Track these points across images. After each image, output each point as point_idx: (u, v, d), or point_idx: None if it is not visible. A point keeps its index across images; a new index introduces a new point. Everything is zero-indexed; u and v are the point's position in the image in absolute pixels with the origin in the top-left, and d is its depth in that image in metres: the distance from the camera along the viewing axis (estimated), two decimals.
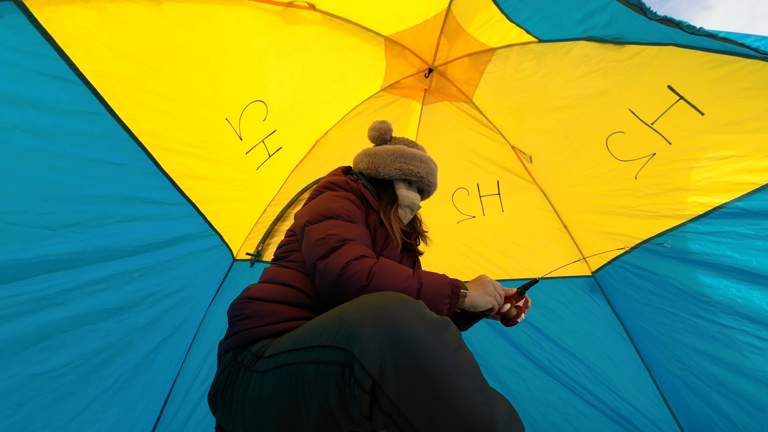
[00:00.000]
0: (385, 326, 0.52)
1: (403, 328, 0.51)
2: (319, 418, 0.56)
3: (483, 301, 0.79)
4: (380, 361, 0.50)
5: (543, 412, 1.67)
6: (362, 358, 0.50)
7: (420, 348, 0.50)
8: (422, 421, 0.49)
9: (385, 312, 0.54)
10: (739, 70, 1.00)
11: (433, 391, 0.49)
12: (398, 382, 0.49)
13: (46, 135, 0.76)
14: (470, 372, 0.52)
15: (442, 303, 0.72)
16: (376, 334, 0.51)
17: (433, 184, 1.08)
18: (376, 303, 0.56)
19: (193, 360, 1.37)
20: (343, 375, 0.52)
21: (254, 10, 1.12)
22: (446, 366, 0.50)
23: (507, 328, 1.83)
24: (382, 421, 0.51)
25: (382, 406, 0.50)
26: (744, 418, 1.15)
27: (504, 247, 1.92)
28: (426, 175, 1.04)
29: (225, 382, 0.69)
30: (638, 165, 1.32)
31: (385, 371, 0.49)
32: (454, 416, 0.49)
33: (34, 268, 0.78)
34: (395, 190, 1.03)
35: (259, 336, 0.71)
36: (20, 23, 0.69)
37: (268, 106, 1.35)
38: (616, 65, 1.25)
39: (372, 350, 0.50)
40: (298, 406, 0.58)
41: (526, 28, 1.37)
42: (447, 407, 0.49)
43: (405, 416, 0.49)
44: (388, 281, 0.71)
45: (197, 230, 1.25)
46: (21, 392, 0.78)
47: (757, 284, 1.06)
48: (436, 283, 0.74)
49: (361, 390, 0.50)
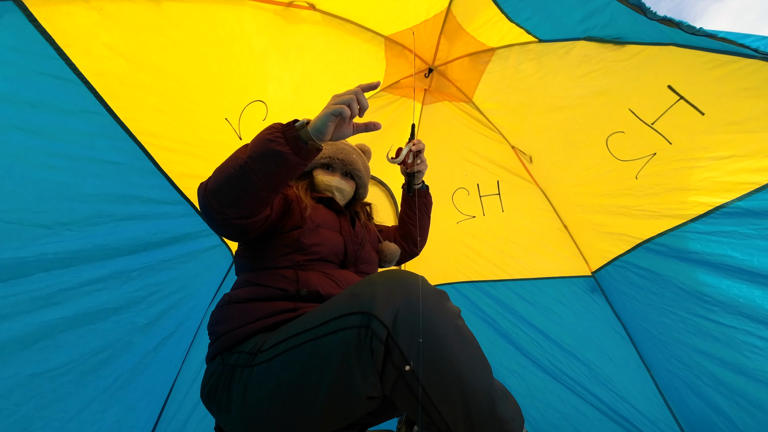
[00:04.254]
0: (396, 293, 0.58)
1: (412, 295, 0.58)
2: (328, 398, 0.57)
3: (323, 117, 0.69)
4: (394, 316, 0.55)
5: (543, 412, 1.67)
6: (379, 313, 0.56)
7: (426, 311, 0.56)
8: (428, 376, 0.53)
9: (395, 283, 0.60)
10: (739, 70, 1.00)
11: (437, 350, 0.54)
12: (408, 336, 0.54)
13: (44, 134, 0.76)
14: (469, 339, 0.58)
15: (272, 144, 0.69)
16: (389, 298, 0.57)
17: (345, 162, 1.10)
18: (386, 278, 0.61)
19: (193, 360, 1.36)
20: (359, 335, 0.56)
21: (254, 9, 1.12)
22: (448, 328, 0.56)
23: (506, 328, 1.83)
24: (393, 376, 0.54)
25: (394, 358, 0.54)
26: (744, 418, 1.15)
27: (504, 247, 1.92)
28: (335, 155, 1.09)
29: (216, 385, 0.69)
30: (639, 165, 1.32)
31: (397, 324, 0.55)
32: (455, 374, 0.53)
33: (32, 266, 0.77)
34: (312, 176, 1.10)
35: (250, 333, 0.71)
36: (19, 23, 0.69)
37: (268, 106, 1.35)
38: (616, 65, 1.25)
39: (387, 308, 0.56)
40: (309, 384, 0.58)
41: (526, 28, 1.37)
42: (449, 366, 0.53)
43: (412, 369, 0.53)
44: (220, 169, 0.74)
45: (196, 229, 1.25)
46: (20, 392, 0.78)
47: (758, 284, 1.06)
48: (261, 133, 0.72)
49: (378, 341, 0.54)
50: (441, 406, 0.53)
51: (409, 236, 1.18)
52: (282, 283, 0.79)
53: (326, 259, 0.88)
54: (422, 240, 1.20)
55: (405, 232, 1.19)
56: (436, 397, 0.53)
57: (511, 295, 1.86)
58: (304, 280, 0.80)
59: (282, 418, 0.61)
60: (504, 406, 0.54)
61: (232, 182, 0.72)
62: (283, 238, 0.86)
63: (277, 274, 0.81)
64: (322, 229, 0.91)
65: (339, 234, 0.94)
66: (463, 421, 0.52)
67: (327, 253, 0.88)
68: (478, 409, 0.52)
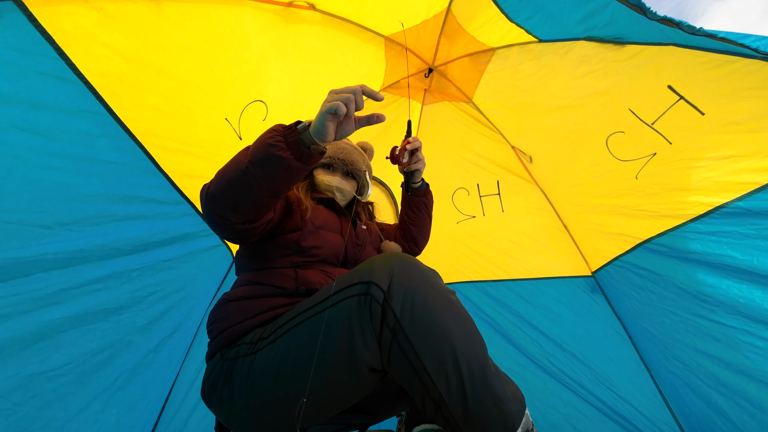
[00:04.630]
0: (392, 261, 0.61)
1: (407, 264, 0.61)
2: (331, 368, 0.59)
3: (320, 117, 0.66)
4: (389, 280, 0.58)
5: (543, 412, 1.67)
6: (376, 279, 0.59)
7: (421, 282, 0.59)
8: (420, 338, 0.55)
9: (392, 256, 0.63)
10: (739, 70, 1.00)
11: (430, 317, 0.56)
12: (401, 299, 0.57)
13: (44, 134, 0.76)
14: (463, 313, 0.60)
15: (273, 149, 0.66)
16: (385, 267, 0.60)
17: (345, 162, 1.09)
18: (385, 257, 0.64)
19: (193, 360, 1.36)
20: (360, 302, 0.58)
21: (254, 9, 1.12)
22: (441, 298, 0.59)
23: (506, 328, 1.83)
24: (388, 340, 0.56)
25: (388, 319, 0.56)
26: (744, 418, 1.15)
27: (504, 247, 1.92)
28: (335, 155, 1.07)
29: (216, 380, 0.69)
30: (639, 165, 1.32)
31: (391, 287, 0.58)
32: (447, 341, 0.55)
33: (32, 266, 0.77)
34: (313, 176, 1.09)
35: (248, 328, 0.72)
36: (19, 23, 0.69)
37: (268, 106, 1.35)
38: (616, 65, 1.25)
39: (383, 275, 0.59)
40: (314, 355, 0.59)
41: (526, 28, 1.37)
42: (442, 333, 0.55)
43: (405, 332, 0.55)
44: (222, 173, 0.73)
45: (196, 229, 1.25)
46: (19, 392, 0.77)
47: (758, 284, 1.06)
48: (262, 137, 0.70)
49: (376, 303, 0.57)
50: (433, 372, 0.53)
51: (410, 236, 1.17)
52: (281, 281, 0.80)
53: (326, 261, 0.88)
54: (423, 239, 1.19)
55: (405, 232, 1.18)
56: (429, 364, 0.54)
57: (511, 295, 1.86)
58: (303, 278, 0.80)
59: (286, 391, 0.61)
60: (500, 384, 0.54)
61: (233, 187, 0.70)
62: (282, 240, 0.86)
63: (277, 273, 0.82)
64: (322, 231, 0.91)
65: (339, 235, 0.94)
66: (457, 390, 0.53)
67: (327, 255, 0.88)
68: (472, 379, 0.53)
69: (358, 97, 0.66)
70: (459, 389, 0.52)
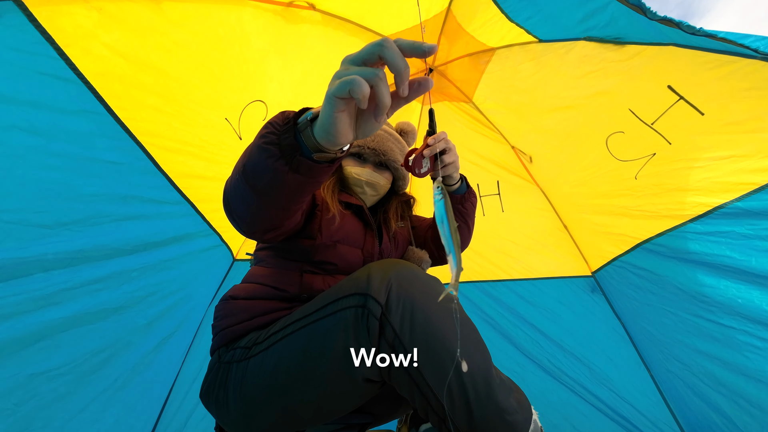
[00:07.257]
0: (389, 273, 0.59)
1: (405, 275, 0.59)
2: (326, 380, 0.57)
3: (327, 104, 0.44)
4: (387, 293, 0.56)
5: (543, 412, 1.66)
6: (374, 293, 0.56)
7: (421, 293, 0.57)
8: (420, 353, 0.53)
9: (389, 265, 0.61)
10: (739, 70, 0.99)
11: (429, 330, 0.54)
12: (399, 313, 0.55)
13: (44, 134, 0.76)
14: (466, 323, 0.59)
15: (265, 155, 0.50)
16: (383, 278, 0.58)
17: (377, 151, 0.93)
18: (384, 265, 0.62)
19: (193, 360, 1.37)
20: (356, 315, 0.56)
21: (254, 9, 1.12)
22: (443, 310, 0.56)
23: (506, 328, 1.83)
24: (387, 354, 0.55)
25: (387, 334, 0.54)
26: (744, 418, 1.15)
27: (504, 247, 1.92)
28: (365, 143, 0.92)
29: (213, 382, 0.69)
30: (638, 165, 1.32)
31: (390, 301, 0.55)
32: (449, 354, 0.53)
33: (32, 266, 0.77)
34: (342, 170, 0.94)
35: (246, 330, 0.71)
36: (19, 22, 0.68)
37: (268, 106, 1.35)
38: (616, 65, 1.25)
39: (381, 287, 0.57)
40: (308, 366, 0.58)
41: (526, 28, 1.37)
42: (442, 346, 0.53)
43: (405, 347, 0.53)
44: (230, 177, 0.61)
45: (196, 229, 1.25)
46: (19, 392, 0.77)
47: (756, 284, 1.06)
48: (257, 136, 0.55)
49: (374, 318, 0.55)
50: (436, 387, 0.52)
51: (440, 243, 1.00)
52: (284, 284, 0.79)
53: (340, 273, 0.83)
54: (461, 248, 1.03)
55: (436, 238, 1.02)
56: (430, 378, 0.52)
57: (511, 295, 1.86)
58: (308, 284, 0.78)
59: (281, 403, 0.60)
60: (505, 394, 0.53)
61: (239, 196, 0.58)
62: (295, 243, 0.81)
63: (282, 274, 0.81)
64: (340, 245, 0.82)
65: (360, 251, 0.85)
66: (461, 404, 0.51)
67: (339, 271, 0.82)
68: (476, 392, 0.51)
69: (394, 58, 0.39)
70: (463, 403, 0.51)
